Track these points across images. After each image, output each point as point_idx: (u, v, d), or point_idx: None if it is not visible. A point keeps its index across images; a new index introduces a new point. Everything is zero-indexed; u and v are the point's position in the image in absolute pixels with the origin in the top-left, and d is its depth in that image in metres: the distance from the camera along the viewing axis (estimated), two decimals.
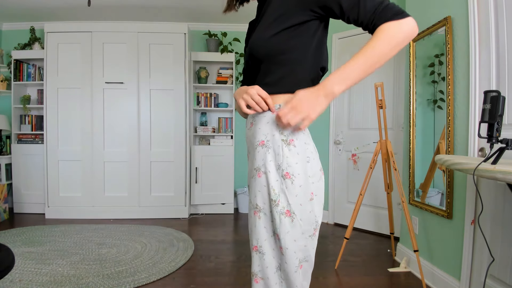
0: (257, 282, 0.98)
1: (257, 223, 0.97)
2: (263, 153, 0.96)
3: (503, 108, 1.35)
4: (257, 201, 0.97)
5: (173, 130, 4.02)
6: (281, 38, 0.95)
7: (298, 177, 0.94)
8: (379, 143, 2.57)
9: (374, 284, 2.32)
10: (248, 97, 0.97)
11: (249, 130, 1.06)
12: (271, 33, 0.96)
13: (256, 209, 0.98)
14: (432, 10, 2.30)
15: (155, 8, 3.85)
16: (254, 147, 1.00)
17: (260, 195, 0.96)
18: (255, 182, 0.98)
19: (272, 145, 0.96)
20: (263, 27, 1.00)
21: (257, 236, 0.98)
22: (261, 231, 0.97)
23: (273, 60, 0.98)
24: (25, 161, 4.04)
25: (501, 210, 1.70)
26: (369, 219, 3.47)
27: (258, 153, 0.98)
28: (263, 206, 0.96)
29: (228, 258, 2.78)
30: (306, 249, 0.97)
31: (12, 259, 1.44)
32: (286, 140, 0.95)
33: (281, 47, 0.96)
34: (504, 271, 1.66)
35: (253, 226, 0.99)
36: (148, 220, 3.89)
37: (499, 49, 1.76)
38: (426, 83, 2.47)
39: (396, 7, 0.88)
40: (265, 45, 0.97)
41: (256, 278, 0.98)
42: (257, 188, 0.97)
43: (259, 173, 0.97)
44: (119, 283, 2.21)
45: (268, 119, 0.98)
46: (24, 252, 2.74)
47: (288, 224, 0.94)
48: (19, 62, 4.06)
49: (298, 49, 0.96)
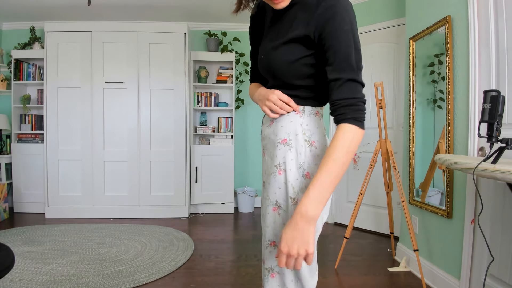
0: (273, 276, 0.99)
1: (276, 219, 0.99)
2: (285, 151, 0.98)
3: (503, 107, 1.35)
4: (276, 198, 0.99)
5: (173, 129, 4.02)
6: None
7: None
8: (379, 142, 2.57)
9: (374, 283, 2.32)
10: (271, 104, 0.99)
11: (268, 127, 1.07)
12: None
13: (276, 205, 0.99)
14: (432, 9, 2.30)
15: (155, 7, 3.85)
16: (275, 144, 1.01)
17: (280, 192, 0.98)
18: (275, 179, 0.99)
19: (295, 144, 0.97)
20: None
21: (275, 231, 0.99)
22: (280, 228, 0.99)
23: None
24: (25, 161, 4.04)
25: (501, 209, 1.70)
26: (369, 218, 3.47)
27: (279, 151, 0.99)
28: (283, 203, 0.98)
29: (228, 257, 2.78)
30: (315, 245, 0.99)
31: (12, 259, 1.44)
32: (309, 141, 0.97)
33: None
34: (504, 270, 1.66)
35: (272, 222, 1.00)
36: (148, 219, 3.90)
37: (499, 49, 1.76)
38: (426, 82, 2.47)
39: (361, 110, 0.87)
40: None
41: (273, 273, 0.99)
42: (277, 185, 0.99)
43: (280, 170, 0.98)
44: (119, 283, 2.22)
45: (292, 118, 0.99)
46: (24, 252, 2.74)
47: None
48: (19, 61, 4.06)
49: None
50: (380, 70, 3.36)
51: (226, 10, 3.95)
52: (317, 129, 1.00)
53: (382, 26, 3.32)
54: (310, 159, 0.96)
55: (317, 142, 0.98)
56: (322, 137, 1.00)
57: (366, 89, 3.53)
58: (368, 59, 3.47)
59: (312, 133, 0.99)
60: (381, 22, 3.33)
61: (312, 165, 0.96)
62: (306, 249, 0.82)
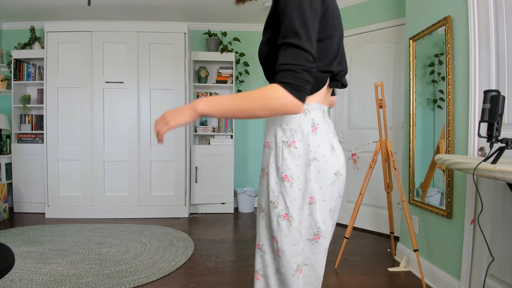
0: (258, 279, 1.00)
1: (260, 222, 0.99)
2: (268, 155, 0.98)
3: (502, 107, 1.35)
4: (261, 201, 0.99)
5: (173, 129, 4.01)
6: None
7: (298, 180, 0.92)
8: (379, 142, 2.57)
9: (374, 283, 2.32)
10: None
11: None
12: None
13: (260, 208, 1.00)
14: (432, 9, 2.30)
15: (155, 8, 3.85)
16: (263, 147, 1.03)
17: (263, 195, 0.99)
18: (260, 183, 1.01)
19: (274, 146, 0.96)
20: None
21: (259, 235, 1.00)
22: (263, 231, 0.99)
23: None
24: (25, 161, 4.04)
25: (501, 209, 1.70)
26: (369, 218, 3.47)
27: (264, 154, 1.01)
28: (265, 207, 0.97)
29: (228, 257, 2.78)
30: (305, 252, 0.95)
31: (12, 259, 1.44)
32: (287, 142, 0.93)
33: None
34: (504, 270, 1.66)
35: (257, 225, 1.02)
36: (148, 219, 3.89)
37: (499, 49, 1.76)
38: (426, 82, 2.47)
39: (301, 78, 0.81)
40: None
41: (258, 275, 1.00)
42: (261, 189, 1.00)
43: (263, 174, 0.99)
44: (119, 283, 2.21)
45: (275, 119, 0.98)
46: (24, 252, 2.74)
47: (285, 228, 0.93)
48: (19, 61, 4.06)
49: None
50: (380, 70, 3.36)
51: (226, 10, 3.95)
52: (299, 128, 0.94)
53: (382, 26, 3.32)
54: (289, 161, 0.92)
55: (298, 141, 0.93)
56: (306, 136, 0.93)
57: (366, 89, 3.54)
58: (368, 59, 3.47)
59: (294, 133, 0.94)
60: (381, 22, 3.33)
61: (292, 166, 0.92)
62: (170, 120, 0.90)
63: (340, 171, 0.97)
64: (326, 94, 1.02)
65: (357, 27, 3.50)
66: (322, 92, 0.98)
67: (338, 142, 1.02)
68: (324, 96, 1.00)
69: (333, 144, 0.98)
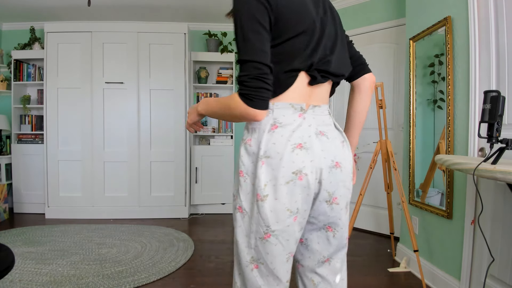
0: (234, 264, 1.08)
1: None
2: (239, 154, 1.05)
3: (503, 108, 1.35)
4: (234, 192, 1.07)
5: (173, 130, 4.02)
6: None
7: (251, 176, 0.96)
8: (379, 143, 2.57)
9: (374, 284, 2.32)
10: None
11: None
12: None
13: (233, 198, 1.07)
14: (432, 10, 2.30)
15: (155, 8, 3.85)
16: None
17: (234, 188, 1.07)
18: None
19: (240, 144, 1.03)
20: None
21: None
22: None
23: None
24: (25, 161, 4.04)
25: (501, 210, 1.70)
26: (369, 219, 3.47)
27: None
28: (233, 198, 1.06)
29: (228, 258, 2.78)
30: (258, 250, 0.96)
31: (12, 259, 1.44)
32: (245, 140, 0.99)
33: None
34: (504, 271, 1.66)
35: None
36: (148, 220, 3.89)
37: (499, 49, 1.76)
38: (426, 83, 2.47)
39: (250, 87, 0.88)
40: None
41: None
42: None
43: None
44: (119, 283, 2.21)
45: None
46: (24, 252, 2.74)
47: (240, 219, 0.99)
48: (19, 62, 4.06)
49: None
50: (380, 70, 3.36)
51: (226, 10, 3.94)
52: (258, 126, 0.95)
53: (382, 26, 3.32)
54: (244, 157, 0.98)
55: (254, 140, 0.96)
56: (261, 134, 0.94)
57: None
58: (368, 60, 3.45)
59: (252, 131, 0.97)
60: (381, 22, 3.33)
61: (246, 162, 0.97)
62: (188, 118, 1.13)
63: (305, 171, 0.92)
64: (313, 90, 0.98)
65: (357, 28, 3.50)
66: (296, 90, 0.95)
67: (325, 141, 0.98)
68: (304, 93, 0.97)
69: (307, 142, 0.94)
